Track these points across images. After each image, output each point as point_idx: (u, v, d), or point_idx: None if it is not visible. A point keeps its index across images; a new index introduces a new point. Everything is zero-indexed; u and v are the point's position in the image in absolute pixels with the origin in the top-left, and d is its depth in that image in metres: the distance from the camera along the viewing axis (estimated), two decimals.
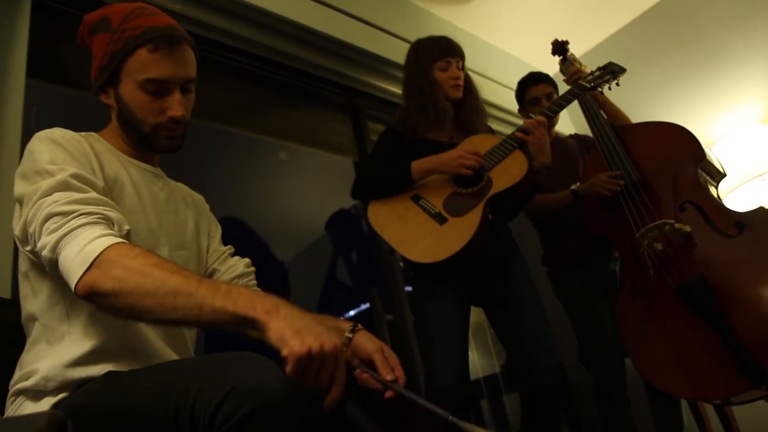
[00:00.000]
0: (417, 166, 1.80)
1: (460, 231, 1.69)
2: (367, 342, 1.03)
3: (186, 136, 1.13)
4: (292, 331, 0.74)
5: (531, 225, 2.41)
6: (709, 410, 2.30)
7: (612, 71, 2.10)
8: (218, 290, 0.80)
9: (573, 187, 2.10)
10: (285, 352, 0.73)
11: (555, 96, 2.35)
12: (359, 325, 1.08)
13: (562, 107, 2.03)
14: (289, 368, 0.73)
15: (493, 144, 1.86)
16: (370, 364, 0.99)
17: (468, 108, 2.00)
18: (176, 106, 1.06)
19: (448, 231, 1.70)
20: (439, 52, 1.95)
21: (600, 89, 2.15)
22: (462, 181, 1.81)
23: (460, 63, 1.98)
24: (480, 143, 1.85)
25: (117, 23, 1.06)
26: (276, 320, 0.76)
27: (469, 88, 2.01)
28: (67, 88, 1.85)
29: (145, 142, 1.11)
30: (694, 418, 2.28)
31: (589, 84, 2.08)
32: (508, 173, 1.81)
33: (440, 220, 1.73)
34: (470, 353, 1.89)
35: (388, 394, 0.94)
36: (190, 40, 1.10)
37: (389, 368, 0.98)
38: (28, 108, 1.54)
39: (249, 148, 2.53)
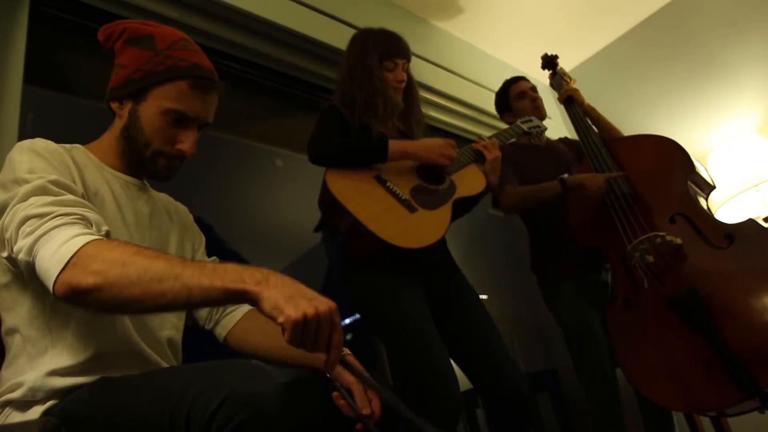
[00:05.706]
0: (395, 144, 1.70)
1: (434, 223, 1.65)
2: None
3: (178, 169, 1.14)
4: (285, 298, 0.75)
5: (522, 231, 2.41)
6: (705, 420, 2.30)
7: (538, 126, 2.27)
8: (204, 269, 0.79)
9: (562, 176, 2.10)
10: (281, 319, 0.74)
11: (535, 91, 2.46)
12: (346, 350, 1.08)
13: (507, 139, 2.15)
14: (286, 336, 0.74)
15: None
16: (349, 393, 1.00)
17: (408, 111, 1.94)
18: (190, 142, 1.09)
19: (420, 220, 1.64)
20: (389, 52, 1.86)
21: (535, 134, 2.32)
22: (425, 176, 1.78)
23: (406, 65, 1.91)
24: None
25: (162, 46, 1.08)
26: (268, 290, 0.76)
27: (411, 92, 1.94)
28: (63, 94, 1.85)
29: (138, 163, 1.11)
30: (690, 428, 2.28)
31: (527, 128, 2.22)
32: (470, 183, 1.81)
33: (410, 208, 1.65)
34: None
35: (359, 426, 0.95)
36: (220, 88, 1.13)
37: (367, 401, 0.99)
38: (24, 114, 1.54)
39: (245, 155, 2.54)
